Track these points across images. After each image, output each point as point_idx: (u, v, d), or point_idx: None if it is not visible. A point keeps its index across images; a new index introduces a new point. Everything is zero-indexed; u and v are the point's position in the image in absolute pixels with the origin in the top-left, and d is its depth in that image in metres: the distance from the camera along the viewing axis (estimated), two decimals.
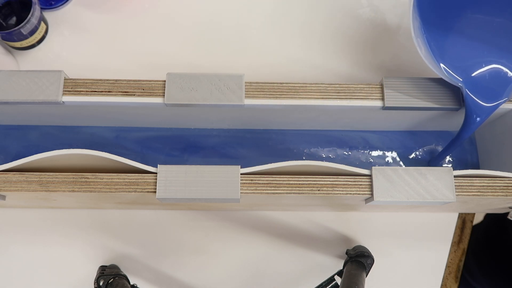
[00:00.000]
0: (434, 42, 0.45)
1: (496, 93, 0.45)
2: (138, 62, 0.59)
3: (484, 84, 0.45)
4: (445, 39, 0.46)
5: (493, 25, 0.46)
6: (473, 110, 0.45)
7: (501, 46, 0.45)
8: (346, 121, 0.54)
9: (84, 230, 0.54)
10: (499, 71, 0.45)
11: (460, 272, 0.55)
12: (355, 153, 0.56)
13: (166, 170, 0.42)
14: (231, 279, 0.54)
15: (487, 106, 0.45)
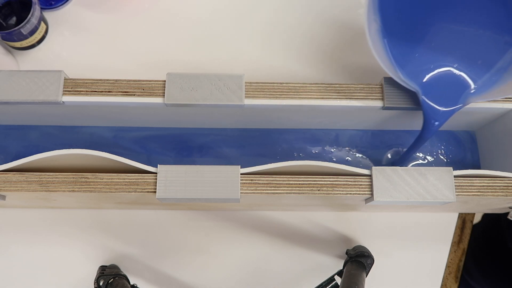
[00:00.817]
0: (393, 46, 0.45)
1: (452, 99, 0.45)
2: (138, 62, 0.59)
3: (440, 90, 0.45)
4: (404, 44, 0.45)
5: (451, 32, 0.45)
6: (430, 115, 0.45)
7: (457, 52, 0.45)
8: (346, 120, 0.54)
9: (84, 230, 0.54)
10: (455, 77, 0.45)
11: (460, 272, 0.55)
12: (355, 153, 0.56)
13: (166, 170, 0.42)
14: (231, 279, 0.54)
15: (444, 111, 0.44)
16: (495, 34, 0.45)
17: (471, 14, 0.45)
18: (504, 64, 0.45)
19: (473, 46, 0.45)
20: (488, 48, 0.45)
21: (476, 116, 0.51)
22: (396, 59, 0.45)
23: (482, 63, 0.45)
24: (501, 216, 0.65)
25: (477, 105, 0.47)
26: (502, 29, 0.45)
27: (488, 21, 0.45)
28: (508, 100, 0.47)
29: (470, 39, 0.45)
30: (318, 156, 0.55)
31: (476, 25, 0.45)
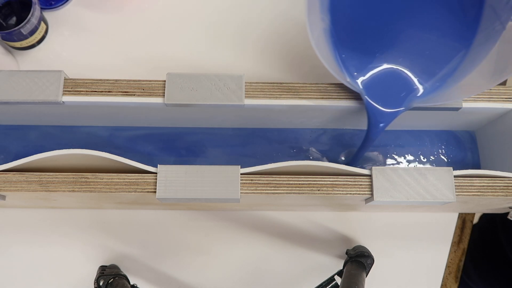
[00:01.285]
0: (340, 47, 0.45)
1: (397, 101, 0.44)
2: (138, 62, 0.59)
3: (385, 92, 0.44)
4: (351, 45, 0.45)
5: (398, 35, 0.45)
6: (375, 116, 0.44)
7: (404, 55, 0.45)
8: (345, 120, 0.54)
9: (84, 230, 0.54)
10: (401, 80, 0.45)
11: (460, 272, 0.55)
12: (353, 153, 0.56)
13: (166, 170, 0.42)
14: (231, 279, 0.54)
15: (388, 112, 0.44)
16: (442, 38, 0.45)
17: (419, 18, 0.45)
18: (450, 69, 0.44)
19: (420, 49, 0.45)
20: (434, 52, 0.45)
21: (476, 116, 0.51)
22: (342, 60, 0.45)
23: (428, 67, 0.45)
24: (496, 217, 0.65)
25: (477, 105, 0.47)
26: (449, 34, 0.44)
27: (435, 25, 0.45)
28: (508, 100, 0.47)
29: (418, 43, 0.45)
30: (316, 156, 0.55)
31: (423, 28, 0.45)
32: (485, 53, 0.43)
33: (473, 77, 0.43)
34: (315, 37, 0.41)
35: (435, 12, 0.44)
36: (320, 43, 0.42)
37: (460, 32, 0.44)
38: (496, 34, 0.42)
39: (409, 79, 0.45)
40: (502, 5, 0.41)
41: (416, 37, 0.45)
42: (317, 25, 0.42)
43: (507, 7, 0.40)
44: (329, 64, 0.42)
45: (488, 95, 0.47)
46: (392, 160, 0.56)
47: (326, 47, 0.44)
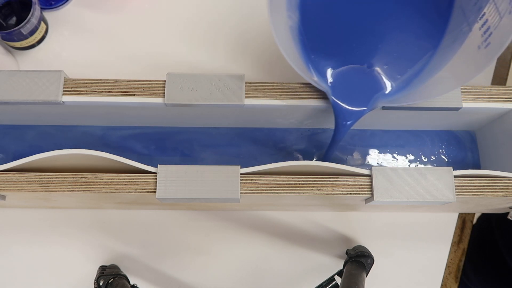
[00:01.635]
0: (308, 45, 0.44)
1: (363, 100, 0.44)
2: (138, 62, 0.59)
3: (351, 91, 0.44)
4: (319, 43, 0.45)
5: (366, 32, 0.45)
6: (341, 115, 0.44)
7: (371, 54, 0.45)
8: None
9: (84, 230, 0.54)
10: (367, 79, 0.45)
11: (460, 272, 0.55)
12: (353, 152, 0.56)
13: (166, 170, 0.42)
14: (231, 279, 0.54)
15: (354, 111, 0.44)
16: (410, 38, 0.44)
17: (388, 17, 0.44)
18: (416, 70, 0.44)
19: (388, 49, 0.45)
20: (402, 52, 0.45)
21: (476, 116, 0.51)
22: (310, 58, 0.44)
23: (395, 67, 0.45)
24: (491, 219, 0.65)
25: (477, 105, 0.47)
26: (418, 34, 0.44)
27: (404, 25, 0.44)
28: (508, 100, 0.47)
29: (386, 42, 0.45)
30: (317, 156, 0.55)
31: (392, 28, 0.45)
32: (452, 54, 0.42)
33: (439, 78, 0.43)
34: (280, 35, 0.40)
35: (405, 12, 0.44)
36: (286, 41, 0.42)
37: (428, 32, 0.44)
38: (463, 35, 0.41)
39: (376, 78, 0.45)
40: (471, 6, 0.41)
41: (385, 36, 0.45)
42: (282, 22, 0.42)
43: (475, 8, 0.40)
44: (294, 62, 0.41)
45: (488, 95, 0.47)
46: (393, 160, 0.56)
47: (293, 45, 0.43)
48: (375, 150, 0.56)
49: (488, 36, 0.38)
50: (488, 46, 0.38)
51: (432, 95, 0.44)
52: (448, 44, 0.43)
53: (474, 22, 0.40)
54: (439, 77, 0.43)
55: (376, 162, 0.55)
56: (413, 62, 0.44)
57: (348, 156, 0.56)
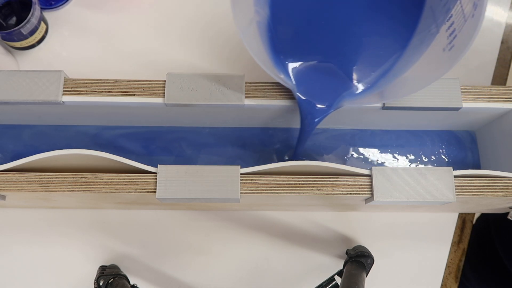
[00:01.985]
0: (276, 41, 0.44)
1: (328, 98, 0.44)
2: (138, 62, 0.59)
3: (317, 88, 0.44)
4: (287, 40, 0.44)
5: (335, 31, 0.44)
6: (306, 114, 0.44)
7: (339, 53, 0.44)
8: (345, 120, 0.54)
9: (84, 230, 0.54)
10: (334, 77, 0.44)
11: (460, 272, 0.55)
12: (353, 152, 0.56)
13: (166, 170, 0.42)
14: (231, 279, 0.54)
15: (320, 110, 0.44)
16: (379, 38, 0.44)
17: (358, 17, 0.44)
18: (383, 70, 0.44)
19: (357, 48, 0.44)
20: (370, 52, 0.44)
21: (476, 116, 0.51)
22: (277, 55, 0.44)
23: (363, 66, 0.44)
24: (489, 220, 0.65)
25: (477, 105, 0.47)
26: (387, 35, 0.44)
27: (374, 25, 0.44)
28: (508, 100, 0.47)
29: (355, 41, 0.44)
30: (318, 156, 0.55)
31: (362, 28, 0.44)
32: (419, 55, 0.42)
33: (405, 79, 0.43)
34: (245, 29, 0.40)
35: (376, 12, 0.44)
36: (252, 36, 0.41)
37: (398, 33, 0.43)
38: (431, 37, 0.41)
39: (343, 77, 0.44)
40: (440, 6, 0.40)
41: (354, 35, 0.44)
42: (248, 17, 0.41)
43: (444, 9, 0.40)
44: (260, 57, 0.41)
45: (488, 95, 0.47)
46: (393, 160, 0.56)
47: (259, 41, 0.43)
48: (375, 150, 0.56)
49: (453, 38, 0.38)
50: (452, 48, 0.38)
51: (397, 96, 0.43)
52: (416, 45, 0.42)
53: (442, 23, 0.39)
54: (404, 78, 0.42)
55: (376, 162, 0.55)
56: (381, 62, 0.44)
57: (348, 156, 0.56)
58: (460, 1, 0.37)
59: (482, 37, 0.62)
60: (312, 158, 0.55)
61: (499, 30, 0.62)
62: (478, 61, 0.61)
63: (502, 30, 0.62)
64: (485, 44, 0.62)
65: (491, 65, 0.61)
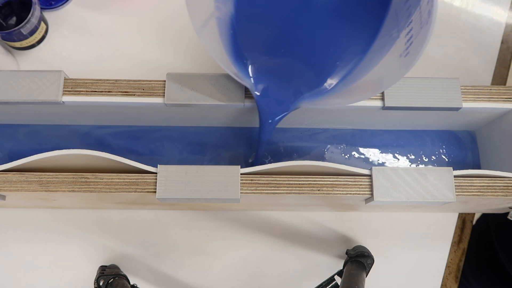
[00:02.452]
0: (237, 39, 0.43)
1: (286, 99, 0.44)
2: (138, 62, 0.59)
3: (276, 89, 0.44)
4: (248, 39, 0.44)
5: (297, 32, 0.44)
6: (263, 113, 0.44)
7: (299, 54, 0.44)
8: (345, 120, 0.54)
9: (84, 230, 0.54)
10: (292, 78, 0.44)
11: (460, 272, 0.55)
12: (353, 152, 0.56)
13: (166, 170, 0.42)
14: (231, 279, 0.54)
15: (277, 110, 0.43)
16: (342, 41, 0.43)
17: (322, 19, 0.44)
18: (343, 73, 0.43)
19: (318, 51, 0.44)
20: (332, 54, 0.44)
21: (476, 116, 0.51)
22: (237, 54, 0.43)
23: (324, 68, 0.44)
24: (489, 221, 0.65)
25: (477, 105, 0.47)
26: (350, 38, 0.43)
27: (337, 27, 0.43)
28: (508, 100, 0.47)
29: (317, 44, 0.44)
30: (318, 156, 0.55)
31: (324, 30, 0.44)
32: (378, 60, 0.41)
33: (361, 83, 0.42)
34: (203, 25, 0.39)
35: (340, 14, 0.43)
36: (209, 33, 0.41)
37: (361, 36, 0.43)
38: (392, 41, 0.40)
39: (302, 78, 0.44)
40: (403, 10, 0.39)
41: (317, 37, 0.44)
42: (207, 12, 0.41)
43: (406, 13, 0.39)
44: (218, 56, 0.40)
45: (488, 95, 0.47)
46: (394, 160, 0.56)
47: (218, 37, 0.42)
48: (375, 150, 0.56)
49: (409, 45, 0.37)
50: (407, 55, 0.37)
51: (352, 100, 0.43)
52: (377, 49, 0.42)
53: (403, 28, 0.39)
54: (361, 82, 0.42)
55: (376, 162, 0.55)
56: (342, 65, 0.43)
57: (348, 156, 0.56)
58: (420, 6, 0.36)
59: (482, 37, 0.62)
60: (312, 158, 0.55)
61: (499, 30, 0.62)
62: (478, 61, 0.61)
63: (502, 30, 0.62)
64: (485, 44, 0.62)
65: (491, 65, 0.61)
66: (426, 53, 0.61)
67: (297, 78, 0.44)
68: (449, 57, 0.61)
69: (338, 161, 0.55)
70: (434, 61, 0.61)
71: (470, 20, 0.63)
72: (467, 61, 0.61)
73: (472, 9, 0.63)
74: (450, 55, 0.61)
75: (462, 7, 0.63)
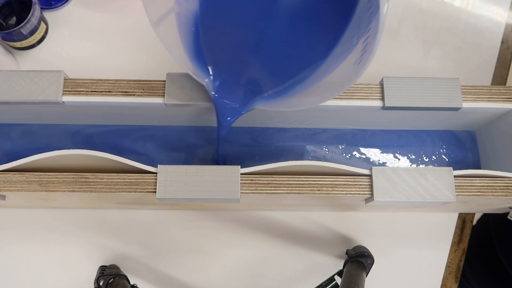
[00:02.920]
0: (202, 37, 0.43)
1: (241, 100, 0.43)
2: (138, 62, 0.59)
3: (232, 89, 0.43)
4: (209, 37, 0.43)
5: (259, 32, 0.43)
6: (219, 112, 0.44)
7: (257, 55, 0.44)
8: (346, 120, 0.54)
9: (84, 230, 0.54)
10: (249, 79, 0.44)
11: (460, 272, 0.55)
12: (354, 152, 0.56)
13: (166, 170, 0.42)
14: (231, 279, 0.54)
15: (232, 110, 0.43)
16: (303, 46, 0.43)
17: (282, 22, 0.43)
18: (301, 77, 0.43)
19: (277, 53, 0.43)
20: (292, 58, 0.43)
21: (476, 116, 0.51)
22: (195, 51, 0.43)
23: (282, 72, 0.43)
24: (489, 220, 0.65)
25: (477, 105, 0.47)
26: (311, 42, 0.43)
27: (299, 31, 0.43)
28: (508, 100, 0.47)
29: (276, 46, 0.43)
30: (317, 156, 0.55)
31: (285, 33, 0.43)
32: (335, 67, 0.40)
33: (318, 88, 0.41)
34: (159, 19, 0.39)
35: (304, 20, 0.43)
36: (167, 28, 0.40)
37: (322, 41, 0.42)
38: (351, 48, 0.39)
39: (259, 81, 0.44)
40: (366, 16, 0.38)
41: (279, 41, 0.43)
42: (166, 7, 0.40)
43: (367, 20, 0.37)
44: (175, 53, 0.40)
45: (488, 95, 0.47)
46: (394, 160, 0.56)
47: (177, 34, 0.42)
48: (376, 150, 0.56)
49: (363, 53, 0.36)
50: (360, 63, 0.36)
51: (305, 105, 0.42)
52: (337, 56, 0.41)
53: (363, 35, 0.37)
54: (317, 87, 0.42)
55: (377, 162, 0.55)
56: (300, 70, 0.43)
57: (349, 155, 0.56)
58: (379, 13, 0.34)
59: (482, 37, 0.62)
60: (313, 158, 0.55)
61: (499, 30, 0.62)
62: (478, 61, 0.61)
63: (502, 30, 0.62)
64: (485, 44, 0.62)
65: (491, 65, 0.61)
66: (426, 53, 0.61)
67: (255, 79, 0.44)
68: (449, 57, 0.61)
69: (338, 161, 0.55)
70: (434, 61, 0.61)
71: (470, 20, 0.63)
72: (467, 61, 0.61)
73: (472, 9, 0.63)
74: (450, 55, 0.61)
75: (462, 7, 0.63)
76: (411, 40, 0.62)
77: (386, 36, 0.61)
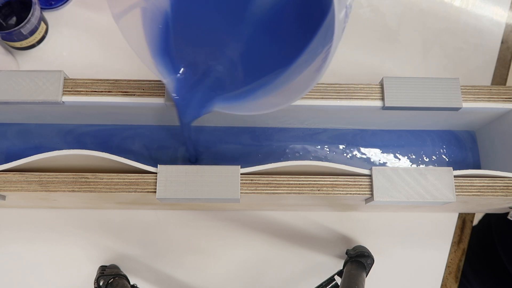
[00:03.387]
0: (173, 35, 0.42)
1: (201, 101, 0.43)
2: (138, 62, 0.58)
3: (192, 89, 0.43)
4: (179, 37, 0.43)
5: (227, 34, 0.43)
6: (179, 111, 0.43)
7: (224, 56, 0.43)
8: (346, 120, 0.54)
9: (84, 230, 0.54)
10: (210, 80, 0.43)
11: (460, 272, 0.55)
12: (354, 152, 0.56)
13: (166, 170, 0.42)
14: (231, 279, 0.54)
15: (192, 110, 0.43)
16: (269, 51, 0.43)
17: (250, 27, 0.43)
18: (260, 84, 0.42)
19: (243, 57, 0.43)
20: (257, 63, 0.43)
21: (476, 116, 0.51)
22: (161, 49, 0.43)
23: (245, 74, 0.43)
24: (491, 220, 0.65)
25: (477, 105, 0.47)
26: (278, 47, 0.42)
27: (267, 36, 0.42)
28: (508, 100, 0.47)
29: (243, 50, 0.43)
30: (317, 156, 0.55)
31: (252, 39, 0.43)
32: (298, 74, 0.39)
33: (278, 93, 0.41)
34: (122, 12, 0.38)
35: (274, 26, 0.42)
36: (130, 22, 0.39)
37: (289, 48, 0.41)
38: (315, 57, 0.38)
39: (220, 83, 0.43)
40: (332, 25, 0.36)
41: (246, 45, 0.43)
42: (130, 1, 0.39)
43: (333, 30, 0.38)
44: (137, 48, 0.39)
45: (488, 95, 0.47)
46: (394, 160, 0.56)
47: (141, 29, 0.41)
48: (376, 150, 0.56)
49: (323, 62, 0.35)
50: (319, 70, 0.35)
51: (262, 109, 0.41)
52: (301, 63, 0.40)
53: (327, 43, 0.36)
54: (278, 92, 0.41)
55: (377, 162, 0.55)
56: (263, 75, 0.42)
57: (349, 155, 0.56)
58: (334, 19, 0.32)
59: (482, 37, 0.62)
60: (313, 158, 0.55)
61: (499, 30, 0.62)
62: (478, 61, 0.61)
63: (502, 30, 0.62)
64: (485, 44, 0.62)
65: (491, 65, 0.61)
66: (426, 53, 0.61)
67: (217, 81, 0.43)
68: (449, 57, 0.61)
69: (339, 161, 0.55)
70: (434, 61, 0.61)
71: (470, 20, 0.63)
72: (467, 61, 0.61)
73: (472, 9, 0.63)
74: (450, 55, 0.61)
75: (462, 7, 0.63)
76: (411, 40, 0.62)
77: (386, 36, 0.61)
